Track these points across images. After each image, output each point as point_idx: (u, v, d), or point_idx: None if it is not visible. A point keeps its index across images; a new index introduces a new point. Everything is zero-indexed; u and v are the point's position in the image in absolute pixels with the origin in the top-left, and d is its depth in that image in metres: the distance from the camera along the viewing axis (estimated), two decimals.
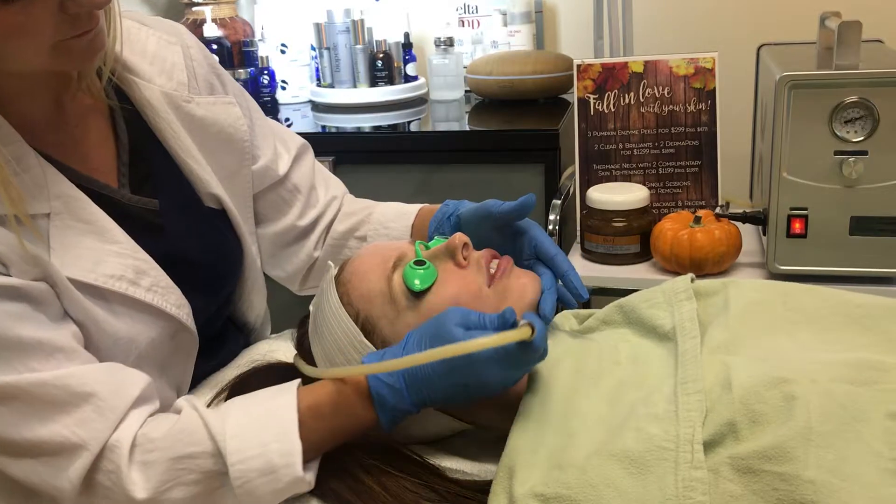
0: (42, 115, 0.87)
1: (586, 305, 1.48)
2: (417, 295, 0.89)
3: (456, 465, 0.89)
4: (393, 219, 1.15)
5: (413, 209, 1.15)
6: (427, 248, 0.95)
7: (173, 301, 0.91)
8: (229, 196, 1.03)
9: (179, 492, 0.78)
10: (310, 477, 0.81)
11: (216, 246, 1.02)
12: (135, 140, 0.95)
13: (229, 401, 0.84)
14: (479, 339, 0.77)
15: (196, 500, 0.79)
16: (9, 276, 0.79)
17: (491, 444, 0.92)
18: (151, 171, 0.95)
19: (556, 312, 0.99)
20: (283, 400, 0.82)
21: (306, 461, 0.80)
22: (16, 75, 0.82)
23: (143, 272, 0.88)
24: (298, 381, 0.86)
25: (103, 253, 0.86)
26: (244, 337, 1.15)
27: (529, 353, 0.78)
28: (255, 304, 1.13)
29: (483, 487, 0.83)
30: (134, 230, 0.89)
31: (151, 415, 0.82)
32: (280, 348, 1.11)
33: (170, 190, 0.96)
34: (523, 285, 0.93)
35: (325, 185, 1.19)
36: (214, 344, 1.05)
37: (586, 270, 1.45)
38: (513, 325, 0.79)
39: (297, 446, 0.79)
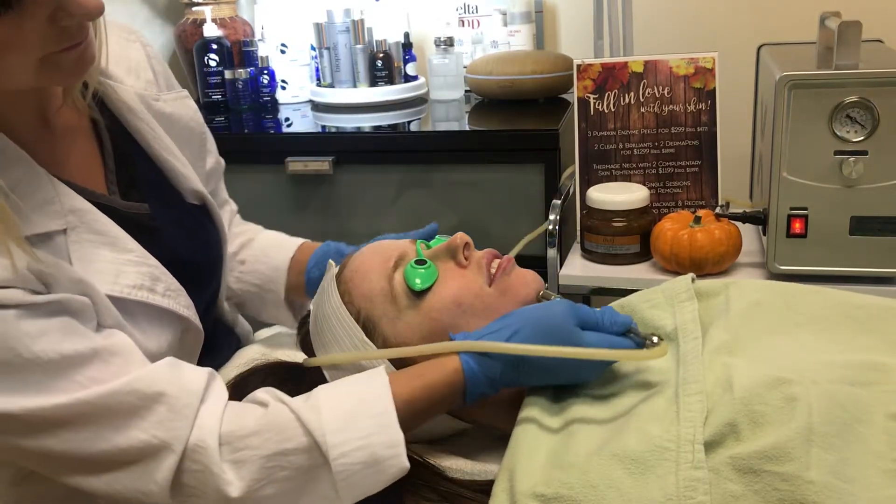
0: (29, 133, 0.84)
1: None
2: (418, 294, 0.89)
3: (456, 465, 0.89)
4: (274, 248, 1.16)
5: (295, 242, 1.17)
6: (428, 247, 0.95)
7: (183, 303, 0.91)
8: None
9: (272, 488, 0.77)
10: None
11: (203, 242, 1.02)
12: (116, 144, 0.93)
13: (315, 391, 0.82)
14: (616, 350, 0.82)
15: (289, 495, 0.78)
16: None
17: (491, 444, 0.92)
18: (136, 175, 0.94)
19: None
20: (376, 389, 0.81)
21: None
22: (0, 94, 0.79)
23: (156, 278, 0.88)
24: (386, 371, 0.85)
25: (121, 263, 0.85)
26: (235, 338, 1.15)
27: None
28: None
29: (483, 487, 0.83)
30: (132, 236, 0.88)
31: (224, 406, 0.81)
32: (279, 348, 1.10)
33: (157, 191, 0.95)
34: (525, 282, 0.93)
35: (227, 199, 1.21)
36: (210, 343, 1.04)
37: (586, 270, 1.45)
38: (635, 337, 0.85)
39: (399, 437, 0.79)
